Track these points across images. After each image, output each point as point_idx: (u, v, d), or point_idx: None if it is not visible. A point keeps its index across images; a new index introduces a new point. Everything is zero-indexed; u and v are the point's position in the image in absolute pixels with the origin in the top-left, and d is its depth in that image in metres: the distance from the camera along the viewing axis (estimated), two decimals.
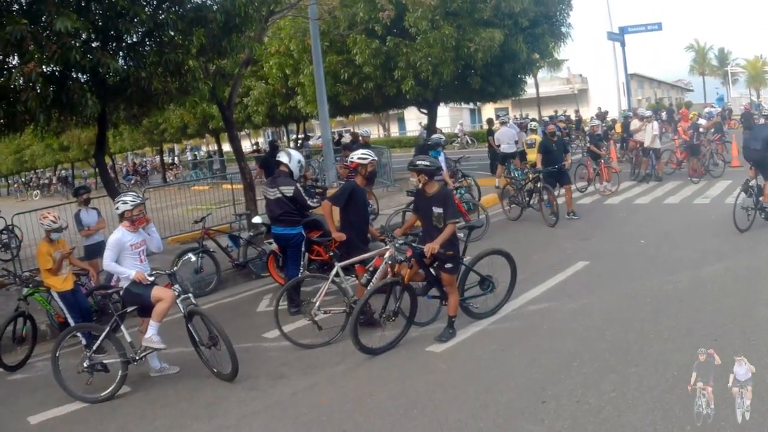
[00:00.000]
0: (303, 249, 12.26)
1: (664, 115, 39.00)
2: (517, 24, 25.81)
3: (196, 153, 73.04)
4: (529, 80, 42.07)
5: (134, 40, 13.75)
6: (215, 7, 13.64)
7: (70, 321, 11.22)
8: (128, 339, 9.17)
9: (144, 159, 79.81)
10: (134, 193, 9.76)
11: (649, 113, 25.52)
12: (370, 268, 10.40)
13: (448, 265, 9.53)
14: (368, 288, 9.86)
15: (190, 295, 9.59)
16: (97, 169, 22.19)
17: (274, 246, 13.11)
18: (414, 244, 9.53)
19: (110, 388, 9.00)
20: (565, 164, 18.27)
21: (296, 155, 12.63)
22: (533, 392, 7.45)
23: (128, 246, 9.38)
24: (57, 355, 9.19)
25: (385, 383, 8.21)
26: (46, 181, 70.15)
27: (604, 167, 22.06)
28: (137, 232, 9.59)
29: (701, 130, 24.94)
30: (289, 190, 11.86)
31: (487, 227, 16.40)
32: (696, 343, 7.77)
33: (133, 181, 55.22)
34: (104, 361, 9.36)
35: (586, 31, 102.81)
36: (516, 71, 29.13)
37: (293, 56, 29.58)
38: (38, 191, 65.69)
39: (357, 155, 10.95)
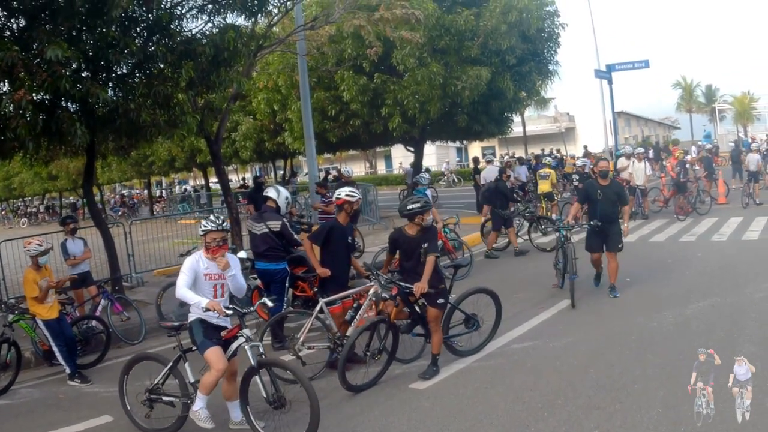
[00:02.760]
0: (287, 284, 12.27)
1: (651, 152, 39.13)
2: (504, 62, 25.93)
3: (185, 187, 73.01)
4: (516, 118, 42.22)
5: (124, 71, 13.85)
6: (204, 41, 13.70)
7: (55, 349, 11.26)
8: (191, 379, 8.24)
9: (132, 191, 79.77)
10: (216, 217, 8.60)
11: (640, 150, 25.60)
12: (354, 305, 10.40)
13: (440, 300, 9.57)
14: (353, 326, 9.86)
15: (260, 343, 8.32)
16: (84, 199, 22.12)
17: (259, 281, 13.09)
18: (400, 282, 9.53)
19: (167, 426, 8.43)
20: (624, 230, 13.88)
21: (284, 191, 12.69)
22: (517, 430, 7.45)
23: (202, 275, 8.21)
24: (125, 382, 8.84)
25: (369, 420, 8.18)
26: (34, 210, 69.98)
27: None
28: (214, 261, 8.29)
29: (687, 165, 25.10)
30: (276, 225, 11.87)
31: (472, 266, 16.45)
32: (681, 382, 7.78)
33: (120, 213, 55.15)
34: (167, 398, 8.54)
35: (573, 69, 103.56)
36: (503, 109, 29.21)
37: (281, 92, 29.61)
38: (26, 219, 65.51)
39: (345, 192, 10.96)
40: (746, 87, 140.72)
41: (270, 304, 8.72)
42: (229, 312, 8.02)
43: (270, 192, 12.50)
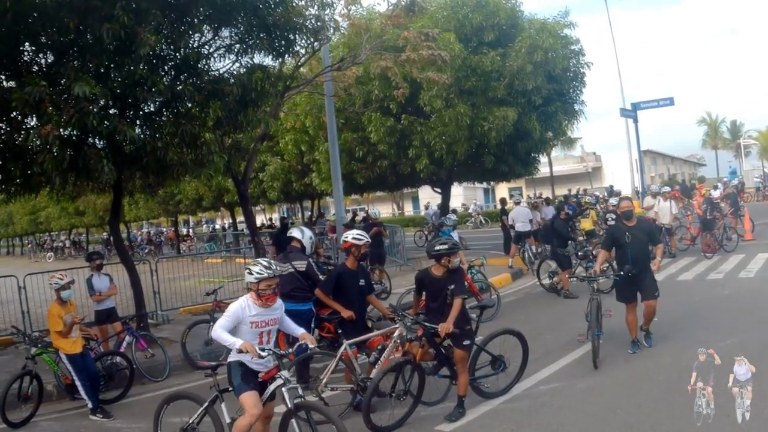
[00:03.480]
0: (313, 325, 12.19)
1: (678, 191, 38.98)
2: (530, 102, 25.92)
3: (212, 225, 73.27)
4: (543, 159, 42.22)
5: (152, 109, 13.97)
6: (232, 81, 13.82)
7: (78, 383, 11.28)
8: (227, 419, 7.95)
9: (159, 228, 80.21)
10: (267, 262, 8.32)
11: (666, 189, 25.39)
12: (379, 347, 10.32)
13: (466, 342, 9.49)
14: (377, 368, 9.77)
15: (298, 386, 7.95)
16: (111, 236, 22.21)
17: None
18: (425, 323, 9.46)
19: None
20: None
21: (308, 231, 12.63)
22: None
23: (248, 321, 7.87)
24: (160, 420, 8.73)
25: None
26: (60, 244, 70.50)
27: None
28: (265, 308, 8.00)
29: (714, 202, 24.90)
30: (301, 265, 11.80)
31: (499, 307, 16.31)
32: (709, 422, 7.65)
33: (147, 251, 55.38)
34: None
35: (599, 108, 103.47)
36: (529, 150, 29.13)
37: (309, 132, 29.72)
38: (52, 253, 65.94)
39: (352, 235, 10.93)
40: None
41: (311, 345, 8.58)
42: (264, 354, 7.71)
43: (295, 233, 12.45)
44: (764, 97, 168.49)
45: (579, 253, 18.60)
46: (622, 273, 12.08)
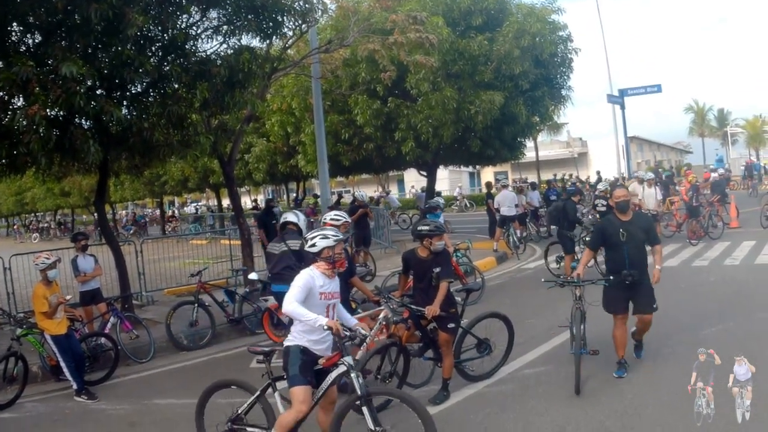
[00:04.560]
0: None
1: (663, 176, 39.09)
2: (517, 86, 25.96)
3: (197, 207, 73.22)
4: (529, 143, 42.29)
5: (138, 90, 13.94)
6: (219, 62, 13.78)
7: (63, 365, 11.28)
8: (281, 409, 7.56)
9: (144, 209, 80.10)
10: (334, 228, 8.10)
11: (650, 176, 25.44)
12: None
13: (450, 325, 9.51)
14: (363, 349, 9.78)
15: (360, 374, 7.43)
16: (96, 216, 22.16)
17: (270, 303, 13.07)
18: (411, 306, 9.49)
19: None
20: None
21: (302, 215, 12.79)
22: None
23: (317, 293, 7.41)
24: (204, 409, 8.20)
25: None
26: (46, 225, 70.33)
27: None
28: (333, 278, 7.65)
29: (700, 188, 25.01)
30: (295, 244, 11.81)
31: (484, 290, 16.34)
32: (692, 407, 7.71)
33: (132, 231, 55.27)
34: (251, 429, 7.89)
35: (586, 94, 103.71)
36: (516, 134, 29.16)
37: (295, 114, 29.68)
38: (37, 234, 65.81)
39: (330, 216, 11.08)
40: (758, 110, 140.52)
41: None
42: (347, 334, 7.33)
43: (290, 217, 12.56)
44: (751, 86, 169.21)
45: (585, 238, 18.62)
46: (611, 277, 9.95)
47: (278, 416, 7.42)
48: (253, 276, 15.49)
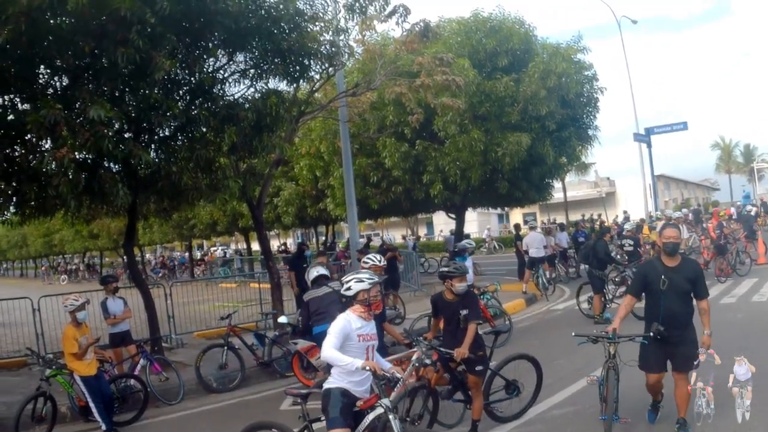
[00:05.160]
0: None
1: (690, 216, 38.85)
2: (544, 127, 25.97)
3: (224, 250, 73.55)
4: (557, 184, 42.18)
5: (167, 133, 14.04)
6: (247, 106, 13.88)
7: (92, 406, 11.30)
8: None
9: (174, 253, 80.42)
10: (369, 272, 8.10)
11: (678, 215, 25.29)
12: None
13: (478, 368, 9.48)
14: (395, 392, 9.75)
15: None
16: (125, 259, 22.29)
17: (300, 346, 13.06)
18: (440, 348, 9.46)
19: None
20: None
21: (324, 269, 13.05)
22: None
23: (355, 336, 7.39)
24: None
25: None
26: (74, 267, 70.77)
27: None
28: (370, 320, 7.64)
29: (726, 231, 24.81)
30: (335, 284, 11.91)
31: (511, 332, 16.28)
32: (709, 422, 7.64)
33: (161, 275, 55.49)
34: None
35: (613, 133, 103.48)
36: (543, 175, 29.17)
37: (323, 158, 29.82)
38: (66, 276, 66.24)
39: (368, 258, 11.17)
40: None
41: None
42: (385, 374, 7.39)
43: (321, 270, 12.80)
44: None
45: (616, 278, 18.49)
46: (652, 333, 8.68)
47: None
48: (282, 319, 15.49)
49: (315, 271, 12.94)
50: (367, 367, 7.06)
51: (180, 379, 13.98)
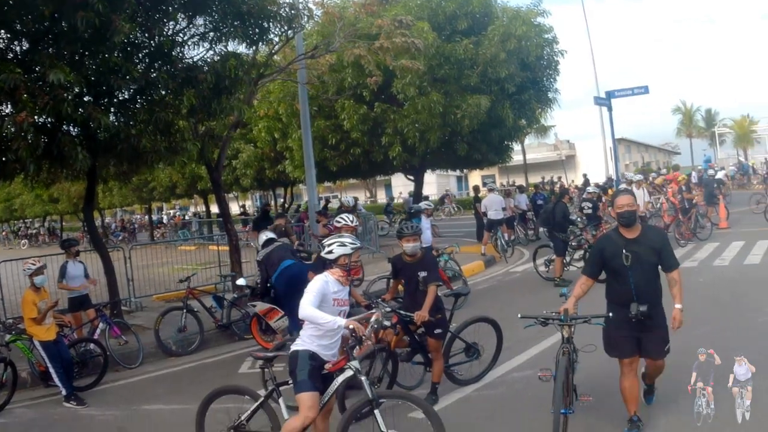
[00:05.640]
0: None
1: (651, 177, 39.19)
2: (503, 90, 26.02)
3: (184, 213, 73.21)
4: (516, 147, 42.36)
5: (126, 96, 13.93)
6: (206, 69, 13.76)
7: (51, 370, 11.30)
8: (285, 416, 7.37)
9: (134, 216, 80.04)
10: (352, 236, 7.97)
11: (639, 177, 25.52)
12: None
13: (437, 331, 9.54)
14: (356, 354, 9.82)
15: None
16: (84, 223, 22.15)
17: (258, 308, 13.13)
18: (400, 311, 9.52)
19: None
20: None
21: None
22: None
23: (331, 299, 7.33)
24: (204, 420, 7.97)
25: None
26: (35, 231, 70.19)
27: (605, 230, 21.26)
28: (347, 285, 7.65)
29: (687, 197, 25.08)
30: (283, 240, 12.16)
31: (469, 295, 16.40)
32: (684, 407, 7.77)
33: (120, 238, 55.17)
34: None
35: (573, 97, 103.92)
36: (502, 138, 29.23)
37: (282, 120, 29.71)
38: (26, 241, 65.69)
39: (336, 218, 11.22)
40: (745, 110, 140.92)
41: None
42: (369, 333, 7.46)
43: (270, 234, 13.35)
44: (739, 87, 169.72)
45: (573, 243, 18.66)
46: (611, 314, 7.72)
47: (282, 422, 7.30)
48: (241, 281, 15.53)
49: (264, 236, 13.27)
50: (351, 326, 7.01)
51: (139, 342, 14.02)
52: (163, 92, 13.78)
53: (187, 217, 65.45)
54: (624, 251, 7.65)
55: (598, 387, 8.81)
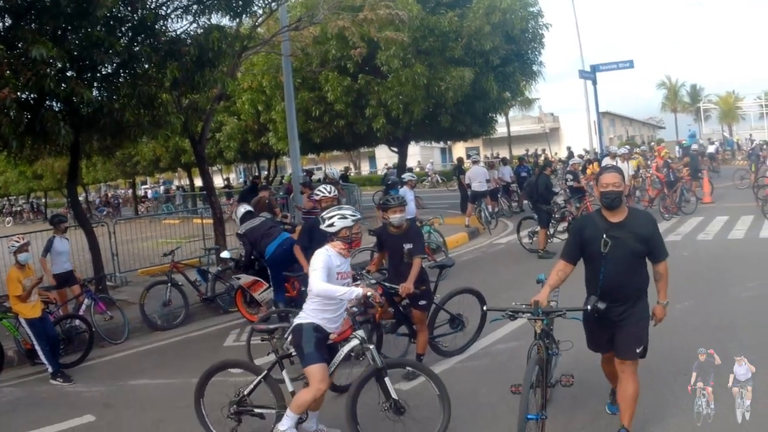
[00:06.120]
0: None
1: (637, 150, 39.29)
2: (488, 62, 26.09)
3: (168, 187, 72.93)
4: (500, 119, 42.38)
5: (109, 71, 13.86)
6: (189, 41, 13.72)
7: (37, 348, 11.24)
8: (290, 387, 7.45)
9: (117, 191, 79.74)
10: (352, 208, 8.06)
11: (623, 151, 25.57)
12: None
13: (422, 302, 9.56)
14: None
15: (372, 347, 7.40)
16: (69, 199, 22.05)
17: (242, 281, 13.15)
18: (385, 283, 9.54)
19: None
20: None
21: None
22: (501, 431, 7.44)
23: (335, 273, 7.25)
24: (203, 395, 7.83)
25: None
26: (19, 209, 69.81)
27: (589, 204, 20.97)
28: (348, 257, 7.58)
29: (674, 167, 25.18)
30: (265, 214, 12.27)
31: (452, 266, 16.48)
32: (666, 380, 7.85)
33: (105, 213, 54.97)
34: (258, 410, 7.66)
35: (558, 70, 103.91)
36: (486, 110, 29.34)
37: (265, 92, 29.65)
38: (11, 218, 65.29)
39: (315, 191, 11.27)
40: (730, 87, 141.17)
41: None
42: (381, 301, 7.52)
43: (247, 207, 13.79)
44: (724, 65, 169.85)
45: (556, 215, 18.70)
46: (589, 307, 6.73)
47: (286, 395, 7.38)
48: (225, 254, 15.54)
49: (243, 208, 13.50)
50: (369, 293, 7.12)
51: (125, 317, 14.01)
52: (147, 66, 13.71)
53: (168, 191, 65.14)
54: (604, 236, 6.64)
55: (583, 358, 8.25)
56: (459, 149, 69.03)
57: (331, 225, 7.43)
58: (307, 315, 7.30)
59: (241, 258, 13.92)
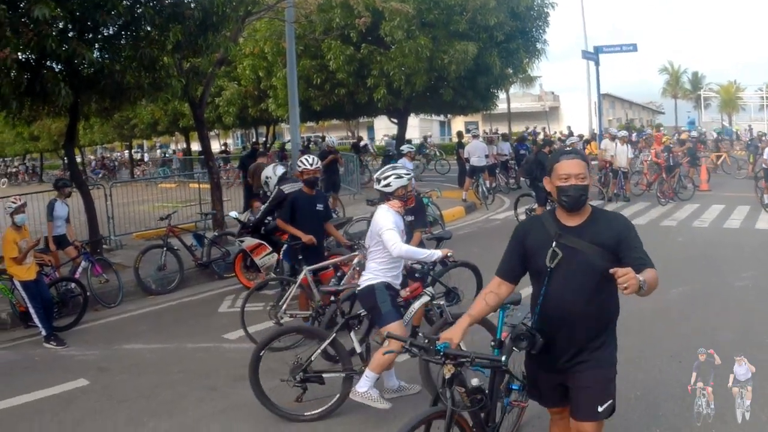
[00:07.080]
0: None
1: (634, 136, 39.20)
2: (492, 38, 25.92)
3: (165, 151, 72.74)
4: (501, 95, 42.29)
5: (111, 32, 13.76)
6: (193, 5, 13.63)
7: (32, 311, 11.18)
8: (358, 350, 7.49)
9: (114, 153, 79.49)
10: (405, 166, 7.91)
11: (623, 134, 25.55)
12: (338, 273, 10.40)
13: (418, 274, 9.55)
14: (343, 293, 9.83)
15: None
16: (65, 160, 21.97)
17: (246, 244, 13.07)
18: None
19: (324, 408, 7.39)
20: None
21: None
22: None
23: (400, 231, 7.36)
24: (259, 362, 7.47)
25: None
26: (14, 170, 69.64)
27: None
28: (402, 214, 7.68)
29: (673, 153, 25.21)
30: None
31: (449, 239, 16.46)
32: (657, 366, 7.85)
33: (101, 175, 54.84)
34: (326, 375, 7.54)
35: (561, 49, 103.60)
36: (488, 85, 29.19)
37: (267, 59, 29.46)
38: (6, 180, 65.13)
39: (298, 162, 11.23)
40: (732, 77, 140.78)
41: None
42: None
43: (284, 169, 13.60)
44: (727, 53, 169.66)
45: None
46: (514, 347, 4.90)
47: (354, 356, 7.58)
48: (233, 214, 15.36)
49: (281, 168, 13.48)
50: (449, 253, 7.57)
51: (120, 281, 13.96)
52: (149, 28, 13.60)
53: (167, 155, 64.94)
54: (554, 244, 4.69)
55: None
56: (458, 123, 68.87)
57: (388, 185, 7.59)
58: (375, 275, 7.43)
59: (249, 221, 13.83)
